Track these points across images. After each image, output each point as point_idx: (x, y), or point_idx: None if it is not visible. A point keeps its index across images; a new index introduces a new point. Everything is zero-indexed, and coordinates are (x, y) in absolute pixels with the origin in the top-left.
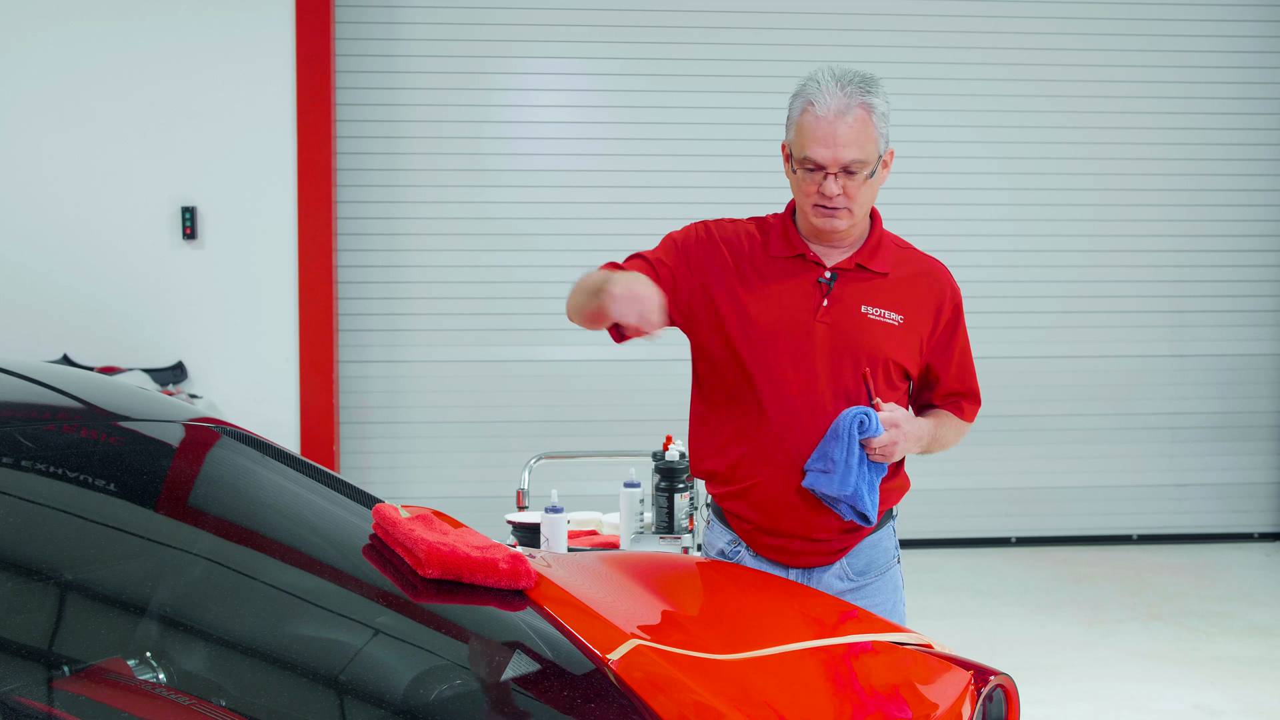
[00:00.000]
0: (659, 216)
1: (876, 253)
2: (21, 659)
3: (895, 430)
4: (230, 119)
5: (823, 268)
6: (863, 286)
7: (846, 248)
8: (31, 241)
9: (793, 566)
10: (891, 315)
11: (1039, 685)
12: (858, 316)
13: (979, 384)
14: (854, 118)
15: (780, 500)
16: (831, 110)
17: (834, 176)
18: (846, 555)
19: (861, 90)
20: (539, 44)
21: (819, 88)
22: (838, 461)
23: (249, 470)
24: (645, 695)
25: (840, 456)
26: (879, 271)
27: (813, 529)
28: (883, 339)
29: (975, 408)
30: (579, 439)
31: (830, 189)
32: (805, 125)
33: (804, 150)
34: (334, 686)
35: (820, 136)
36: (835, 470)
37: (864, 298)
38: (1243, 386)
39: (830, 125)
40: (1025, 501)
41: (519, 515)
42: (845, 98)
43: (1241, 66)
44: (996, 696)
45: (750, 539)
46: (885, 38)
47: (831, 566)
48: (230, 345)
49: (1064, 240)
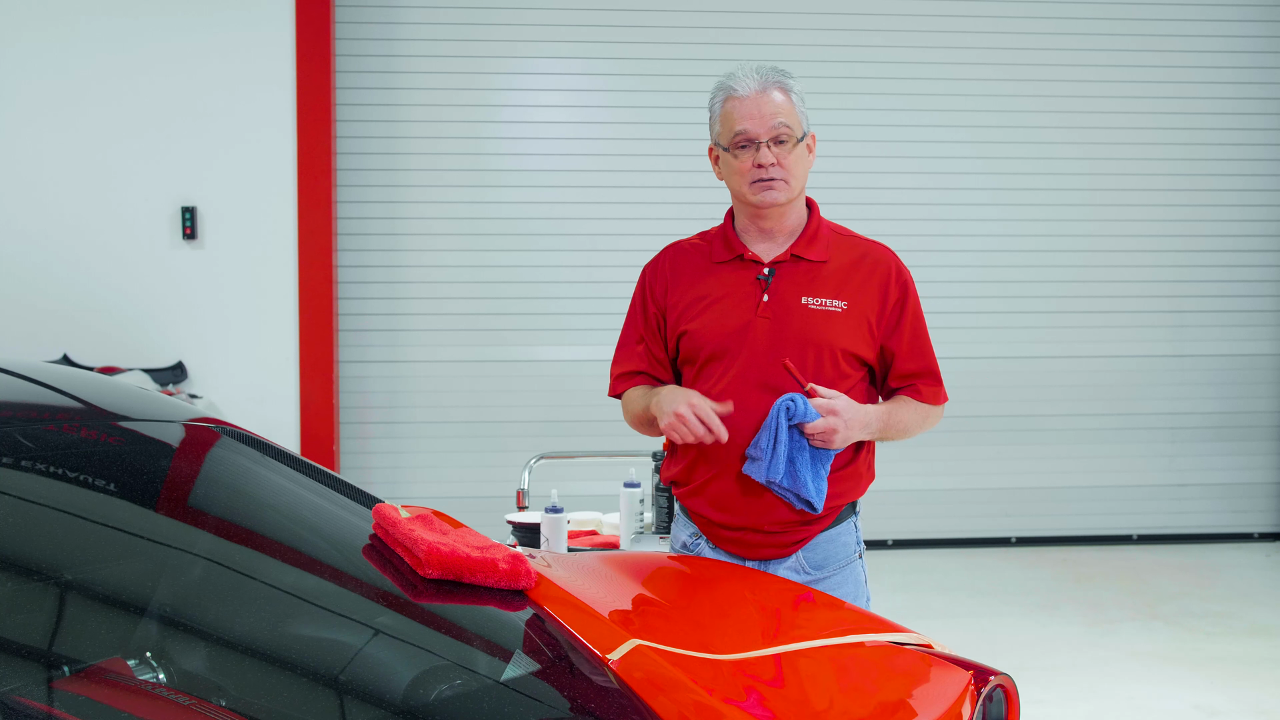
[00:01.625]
0: (659, 216)
1: (814, 241)
2: (21, 659)
3: (834, 417)
4: (230, 119)
5: (761, 264)
6: (801, 278)
7: (783, 240)
8: (31, 241)
9: (749, 559)
10: (834, 303)
11: (1039, 685)
12: (798, 308)
13: (938, 364)
14: (775, 93)
15: (730, 494)
16: (753, 88)
17: (766, 146)
18: (803, 548)
19: (776, 74)
20: (539, 44)
21: (735, 78)
22: (765, 448)
23: (249, 470)
24: (645, 695)
25: (768, 443)
26: (817, 260)
27: (764, 521)
28: (824, 327)
29: (936, 388)
30: (579, 439)
31: (765, 157)
32: (730, 109)
33: (733, 128)
34: (334, 686)
35: (747, 111)
36: (764, 456)
37: (803, 289)
38: (1242, 386)
39: (755, 100)
40: (1025, 501)
41: (519, 515)
42: (763, 79)
43: (1241, 66)
44: (996, 696)
45: (708, 532)
46: (883, 38)
47: (787, 559)
48: (230, 345)
49: (1063, 240)
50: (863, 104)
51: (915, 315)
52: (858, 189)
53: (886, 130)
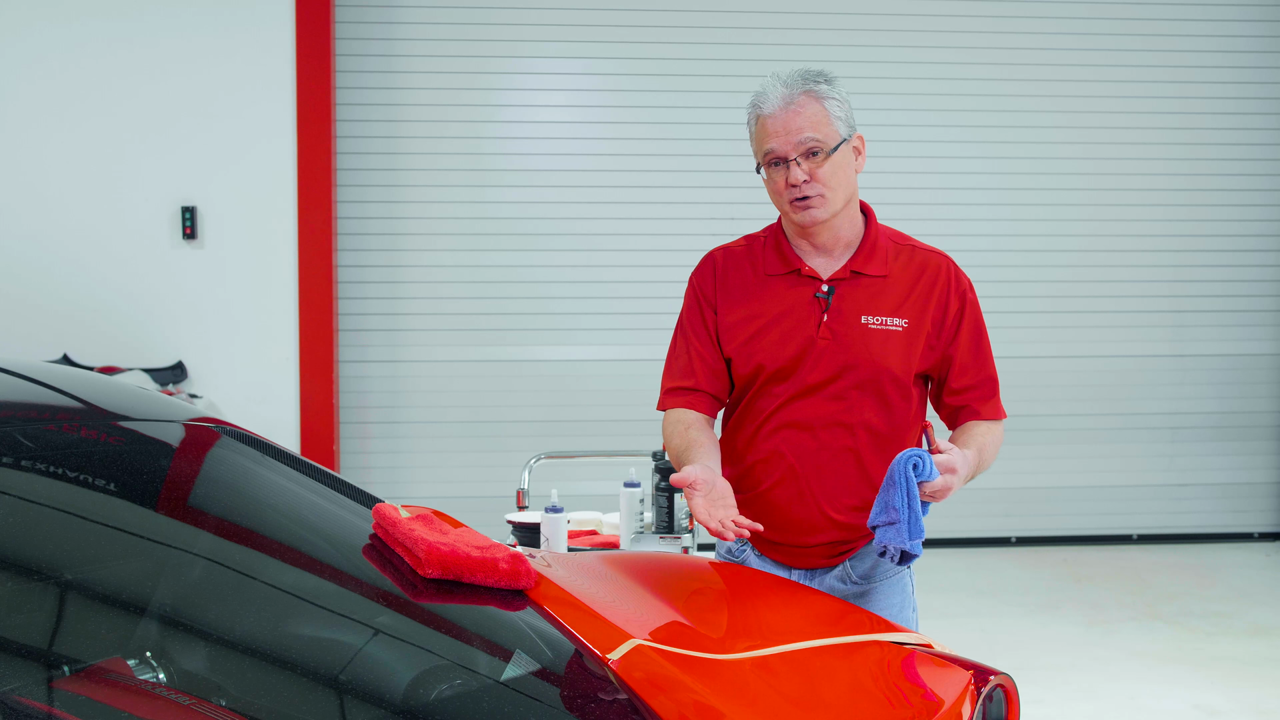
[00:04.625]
0: (659, 216)
1: (873, 255)
2: (21, 659)
3: (951, 475)
4: (230, 119)
5: (819, 281)
6: (862, 295)
7: (840, 253)
8: (32, 241)
9: (796, 567)
10: (894, 321)
11: (1039, 685)
12: (858, 327)
13: (997, 376)
14: (799, 104)
15: (782, 510)
16: (778, 104)
17: (796, 164)
18: (850, 558)
19: (804, 80)
20: (539, 44)
21: (763, 93)
22: (901, 509)
23: (249, 470)
24: (645, 695)
25: (902, 504)
26: (877, 275)
27: (813, 536)
28: (884, 349)
29: (994, 400)
30: (579, 439)
31: (796, 175)
32: (759, 128)
33: (764, 147)
34: (334, 686)
35: (772, 130)
36: (901, 519)
37: (863, 307)
38: (1242, 386)
39: (779, 117)
40: (1025, 501)
41: (519, 515)
42: (789, 90)
43: (1241, 66)
44: (996, 696)
45: (754, 540)
46: (884, 38)
47: (834, 569)
48: (230, 345)
49: (1063, 240)
50: (862, 104)
51: (975, 325)
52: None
53: (886, 130)
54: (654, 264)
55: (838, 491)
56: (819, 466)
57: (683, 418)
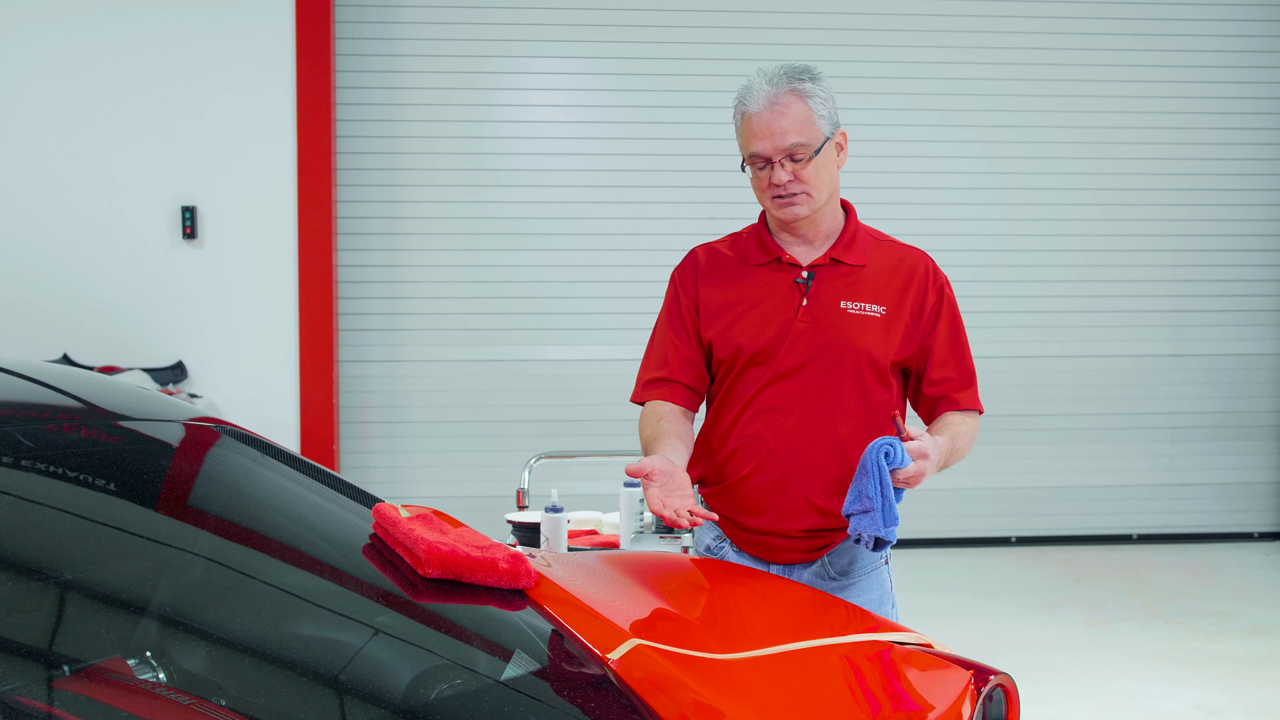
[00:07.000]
0: (658, 216)
1: (852, 246)
2: (21, 659)
3: (923, 460)
4: (230, 118)
5: (799, 267)
6: (840, 282)
7: (821, 243)
8: (32, 241)
9: (774, 563)
10: (872, 308)
11: (1039, 685)
12: (837, 312)
13: (975, 370)
14: (784, 104)
15: (761, 497)
16: (762, 104)
17: (780, 164)
18: (828, 553)
19: (789, 79)
20: (539, 44)
21: (748, 91)
22: (874, 497)
23: (249, 470)
24: (645, 695)
25: (875, 492)
26: (856, 264)
27: (790, 525)
28: (862, 333)
29: (971, 390)
30: (579, 439)
31: (779, 176)
32: (744, 127)
33: (748, 148)
34: (334, 686)
35: (757, 130)
36: (875, 507)
37: (842, 293)
38: (1242, 386)
39: (763, 118)
40: (1025, 501)
41: (519, 515)
42: (773, 89)
43: (1241, 66)
44: (996, 696)
45: (733, 535)
46: (883, 38)
47: (812, 564)
48: (230, 345)
49: (1063, 240)
50: (862, 103)
51: (953, 318)
52: (857, 189)
53: (886, 130)
54: (654, 264)
55: (817, 474)
56: (798, 452)
57: (657, 409)
